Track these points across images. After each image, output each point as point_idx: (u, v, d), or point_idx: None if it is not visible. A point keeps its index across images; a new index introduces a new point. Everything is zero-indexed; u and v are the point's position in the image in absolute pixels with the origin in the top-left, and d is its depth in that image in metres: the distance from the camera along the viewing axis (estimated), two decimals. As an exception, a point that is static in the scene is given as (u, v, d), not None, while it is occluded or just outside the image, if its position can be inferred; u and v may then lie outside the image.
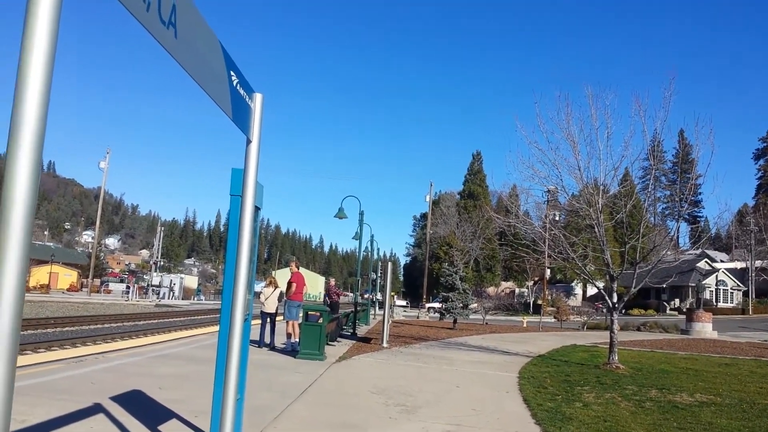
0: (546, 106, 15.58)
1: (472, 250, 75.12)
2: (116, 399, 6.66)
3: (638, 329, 33.41)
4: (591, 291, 68.01)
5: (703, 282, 57.82)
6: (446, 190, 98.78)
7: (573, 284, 75.22)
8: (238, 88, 3.79)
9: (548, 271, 57.81)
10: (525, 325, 35.86)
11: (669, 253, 17.01)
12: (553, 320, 40.94)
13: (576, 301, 65.81)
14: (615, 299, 14.36)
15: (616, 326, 14.14)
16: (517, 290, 79.43)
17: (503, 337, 23.37)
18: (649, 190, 18.39)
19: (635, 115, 14.05)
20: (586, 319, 36.93)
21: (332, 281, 20.90)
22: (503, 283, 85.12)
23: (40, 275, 68.60)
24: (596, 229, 14.11)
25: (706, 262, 70.92)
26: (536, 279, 69.83)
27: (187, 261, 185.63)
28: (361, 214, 24.73)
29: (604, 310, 34.37)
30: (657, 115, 14.00)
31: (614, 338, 13.86)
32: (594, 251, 15.67)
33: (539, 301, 56.20)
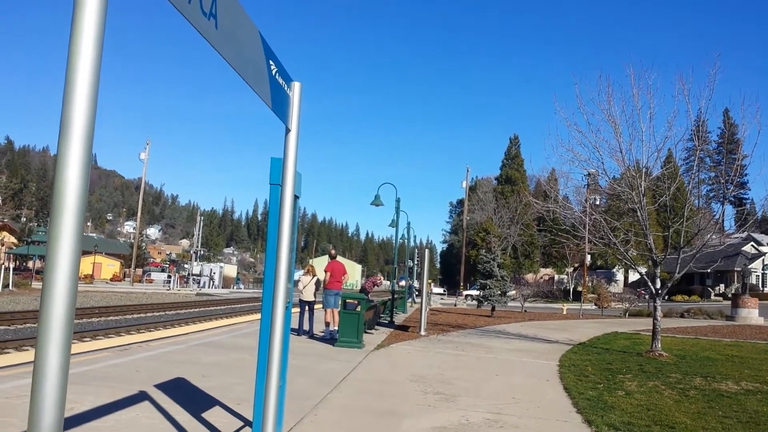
0: (586, 88, 15.31)
1: (509, 237, 74.52)
2: (161, 387, 6.80)
3: (682, 316, 32.76)
4: (633, 277, 66.84)
5: (749, 266, 56.21)
6: (483, 175, 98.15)
7: (614, 270, 73.98)
8: (276, 77, 3.79)
9: (588, 257, 57.01)
10: (565, 312, 35.46)
11: (714, 237, 16.53)
12: (593, 307, 40.38)
13: (617, 287, 64.78)
14: (658, 285, 14.05)
15: (659, 313, 13.86)
16: (556, 277, 78.54)
17: (543, 325, 23.15)
18: (693, 171, 17.95)
19: (679, 94, 13.68)
20: (627, 306, 36.34)
21: (379, 277, 20.90)
22: (542, 269, 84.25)
23: (84, 266, 70.45)
24: (638, 213, 13.80)
25: (752, 245, 68.91)
26: (576, 265, 68.90)
27: (226, 250, 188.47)
28: (398, 201, 24.72)
29: (647, 297, 33.76)
30: (701, 94, 13.61)
31: (657, 325, 13.59)
32: (636, 236, 15.35)
33: (579, 288, 55.46)
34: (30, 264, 63.76)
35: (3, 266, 42.82)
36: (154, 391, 6.56)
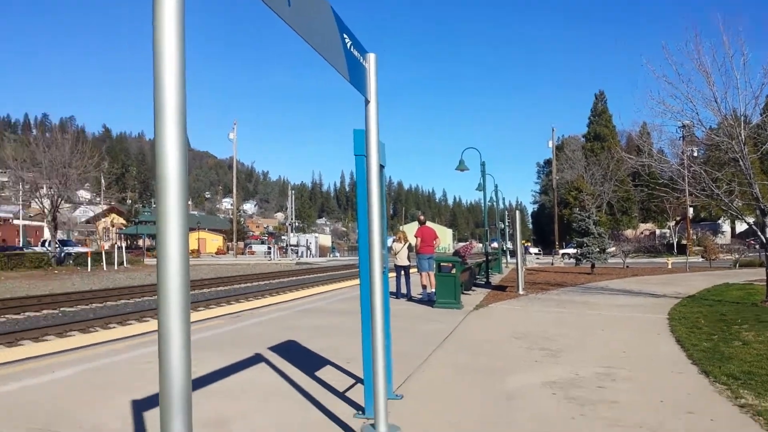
0: (672, 38, 14.38)
1: (603, 194, 71.87)
2: (273, 349, 7.14)
3: (799, 265, 30.65)
4: (740, 227, 63.06)
5: None
6: (570, 134, 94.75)
7: (719, 222, 69.97)
8: (351, 50, 3.84)
9: (691, 210, 54.21)
10: (670, 266, 33.99)
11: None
12: (700, 260, 38.44)
13: (724, 238, 61.28)
14: (768, 234, 13.20)
15: (772, 261, 13.03)
16: (657, 231, 75.25)
17: (647, 280, 22.34)
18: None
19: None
20: (737, 256, 34.40)
21: (471, 243, 20.81)
22: (641, 225, 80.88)
23: (190, 241, 74.00)
24: (741, 163, 12.97)
25: None
26: (678, 218, 65.64)
27: (318, 221, 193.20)
28: (483, 164, 24.38)
29: (757, 246, 31.79)
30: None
31: (771, 274, 12.80)
32: (740, 186, 14.44)
33: (683, 242, 52.93)
34: (140, 242, 67.92)
35: (116, 246, 45.97)
36: (268, 353, 6.89)
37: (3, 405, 4.63)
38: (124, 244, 53.08)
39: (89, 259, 37.36)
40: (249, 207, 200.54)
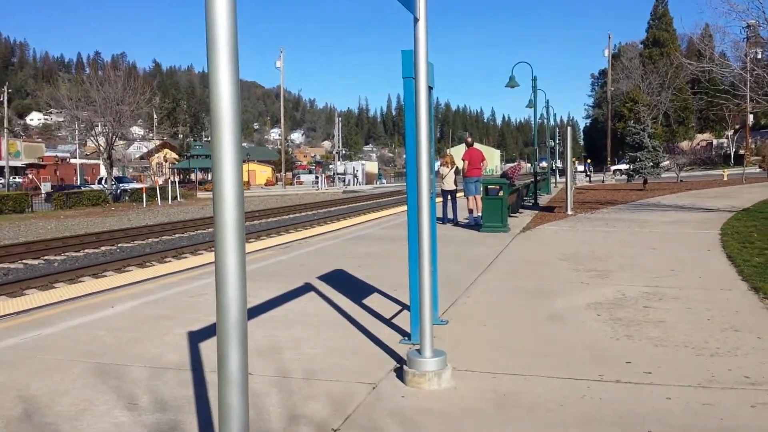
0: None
1: (660, 104, 69.03)
2: (322, 278, 7.36)
3: None
4: (805, 134, 59.99)
5: None
6: (627, 41, 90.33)
7: (782, 129, 66.70)
8: (401, -37, 3.71)
9: (751, 117, 51.71)
10: (725, 178, 32.90)
11: None
12: (758, 170, 37.06)
13: (787, 147, 58.52)
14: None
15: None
16: (714, 142, 72.36)
17: (701, 194, 21.75)
18: None
19: None
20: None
21: (521, 164, 20.46)
22: (698, 135, 77.74)
23: (240, 174, 75.44)
24: (810, 62, 12.25)
25: None
26: (737, 127, 62.83)
27: (365, 147, 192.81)
28: (534, 79, 23.64)
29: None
30: None
31: (837, 184, 12.27)
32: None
33: (741, 151, 50.87)
34: (192, 176, 69.55)
35: (169, 181, 47.18)
36: (317, 282, 7.12)
37: (66, 339, 4.96)
38: (177, 179, 54.50)
39: (144, 195, 38.57)
40: (296, 136, 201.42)
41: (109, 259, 14.52)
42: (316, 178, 71.07)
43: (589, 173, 48.86)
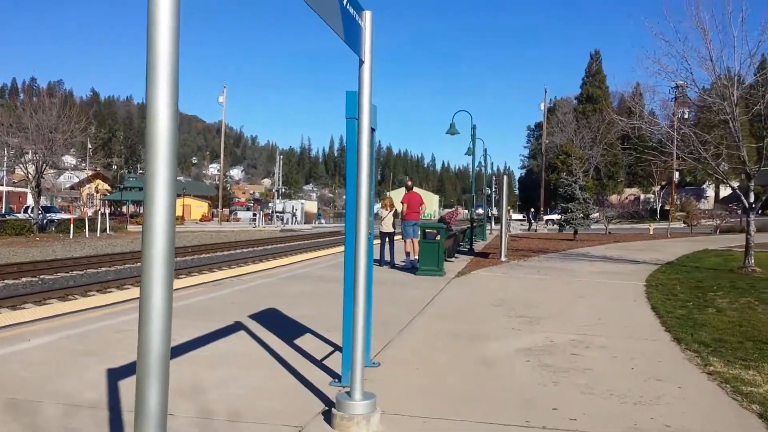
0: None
1: (591, 158, 71.95)
2: (254, 317, 7.19)
3: (779, 231, 31.10)
4: (724, 192, 63.61)
5: None
6: (562, 95, 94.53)
7: (704, 186, 70.65)
8: (347, 7, 3.77)
9: (677, 174, 54.61)
10: (652, 232, 34.39)
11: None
12: (682, 226, 38.93)
13: (707, 204, 61.91)
14: (752, 199, 13.42)
15: (752, 228, 13.27)
16: (642, 196, 75.85)
17: (628, 246, 22.61)
18: (791, 76, 16.55)
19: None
20: (718, 222, 34.86)
21: (459, 210, 20.76)
22: (627, 189, 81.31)
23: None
24: (731, 125, 13.08)
25: None
26: (663, 183, 66.14)
27: (305, 187, 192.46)
28: (473, 128, 24.32)
29: (739, 212, 32.19)
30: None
31: (750, 240, 13.05)
32: (728, 149, 14.59)
33: (667, 207, 53.45)
34: (124, 209, 67.48)
35: (100, 212, 45.63)
36: (248, 321, 6.94)
37: (-19, 375, 4.64)
38: (107, 211, 52.74)
39: (72, 225, 37.08)
40: (236, 173, 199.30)
41: (30, 290, 13.81)
42: (254, 215, 70.22)
43: (532, 221, 50.17)
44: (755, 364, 5.33)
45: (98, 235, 38.30)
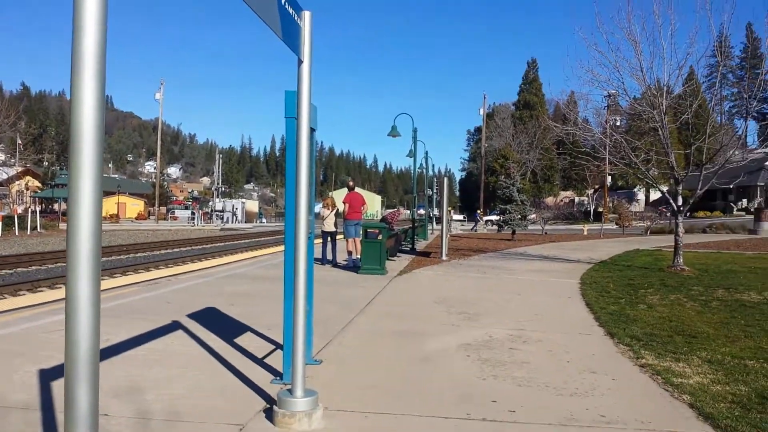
0: (605, 5, 14.81)
1: (529, 162, 73.91)
2: (192, 316, 7.04)
3: (704, 231, 32.68)
4: (654, 196, 66.37)
5: (774, 181, 55.30)
6: (501, 102, 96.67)
7: (635, 190, 73.44)
8: (286, 6, 3.73)
9: (609, 178, 56.56)
10: (586, 233, 35.51)
11: (736, 152, 16.33)
12: (614, 227, 40.36)
13: (639, 206, 64.33)
14: (680, 202, 14.01)
15: (681, 229, 13.86)
16: (576, 199, 78.25)
17: (563, 246, 23.28)
18: (716, 88, 17.35)
19: (700, 9, 13.36)
20: (649, 224, 36.29)
21: (400, 211, 20.93)
22: (562, 192, 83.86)
23: (108, 206, 71.48)
24: (660, 132, 13.65)
25: (776, 160, 67.57)
26: (596, 187, 68.41)
27: (246, 186, 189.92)
28: (415, 131, 24.49)
29: (668, 215, 33.63)
30: (723, 8, 13.21)
31: (679, 241, 13.63)
32: (657, 155, 15.22)
33: (600, 209, 55.28)
34: (55, 206, 64.90)
35: (30, 209, 43.72)
36: (186, 320, 6.80)
37: None
38: (38, 208, 50.55)
39: (0, 223, 35.40)
40: (174, 171, 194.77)
41: (-49, 291, 13.07)
42: (193, 214, 68.69)
43: (479, 221, 50.89)
44: (685, 356, 5.58)
45: (29, 233, 36.70)
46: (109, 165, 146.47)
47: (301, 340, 3.92)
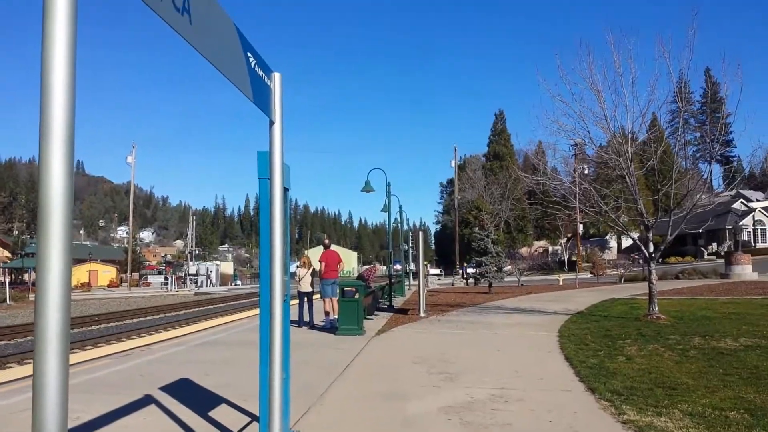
0: (567, 57, 15.37)
1: (501, 212, 74.66)
2: (165, 389, 6.83)
3: (677, 277, 33.05)
4: (626, 243, 67.29)
5: (740, 223, 56.71)
6: (471, 153, 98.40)
7: (607, 237, 74.49)
8: (256, 69, 3.78)
9: (581, 227, 57.33)
10: (561, 283, 35.71)
11: (703, 196, 16.68)
12: (589, 276, 40.66)
13: (611, 254, 65.18)
14: (651, 249, 14.18)
15: (654, 276, 13.99)
16: (550, 248, 78.97)
17: (540, 297, 23.31)
18: (679, 133, 17.86)
19: (659, 57, 13.72)
20: (622, 271, 36.64)
21: (375, 267, 21.06)
22: (536, 242, 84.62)
23: (80, 274, 70.19)
24: (627, 179, 13.90)
25: (741, 202, 69.40)
26: (569, 235, 69.29)
27: (221, 248, 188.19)
28: (388, 185, 24.72)
29: (641, 261, 34.04)
30: (682, 55, 13.67)
31: (653, 288, 13.73)
32: (626, 202, 15.47)
33: (574, 258, 55.83)
34: (26, 277, 63.47)
35: (-2, 281, 42.65)
36: (160, 393, 6.59)
37: None
38: (7, 279, 49.39)
39: (-33, 296, 34.46)
40: (146, 235, 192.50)
41: None
42: (166, 279, 67.63)
43: (466, 276, 50.69)
44: (666, 410, 5.54)
45: (-4, 305, 35.74)
46: (80, 231, 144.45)
47: (277, 411, 3.82)
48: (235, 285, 78.58)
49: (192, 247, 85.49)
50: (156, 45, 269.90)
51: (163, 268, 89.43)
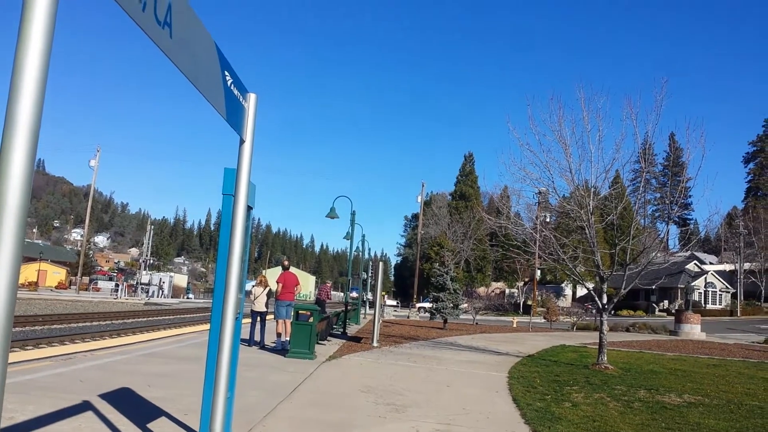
0: (538, 109, 15.67)
1: (462, 251, 75.22)
2: (105, 397, 6.62)
3: (627, 330, 33.57)
4: (581, 292, 68.30)
5: (692, 284, 58.15)
6: (438, 191, 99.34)
7: (563, 285, 75.50)
8: (232, 88, 3.78)
9: (538, 272, 57.99)
10: (515, 325, 35.95)
11: (658, 255, 17.13)
12: (542, 321, 41.02)
13: (566, 301, 66.05)
14: (605, 300, 14.44)
15: (605, 327, 14.21)
16: (507, 291, 79.60)
17: (493, 337, 23.41)
18: (640, 192, 18.38)
19: (627, 118, 14.14)
20: (575, 319, 37.07)
21: (329, 284, 21.00)
22: (494, 283, 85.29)
23: (28, 273, 68.04)
24: (587, 231, 14.18)
25: (695, 264, 71.37)
26: (526, 279, 70.01)
27: (176, 259, 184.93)
28: (353, 214, 24.76)
29: (594, 311, 34.52)
30: (648, 118, 14.10)
31: (603, 339, 13.93)
32: (584, 252, 15.74)
33: (529, 302, 56.36)
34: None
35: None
36: (99, 401, 6.38)
37: None
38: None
39: None
40: (101, 240, 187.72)
41: None
42: (117, 285, 65.99)
43: (428, 310, 50.49)
44: (604, 457, 5.58)
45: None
46: (34, 230, 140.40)
47: (218, 429, 3.73)
48: (188, 298, 77.02)
49: (147, 256, 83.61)
50: (132, 51, 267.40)
51: (115, 274, 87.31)
